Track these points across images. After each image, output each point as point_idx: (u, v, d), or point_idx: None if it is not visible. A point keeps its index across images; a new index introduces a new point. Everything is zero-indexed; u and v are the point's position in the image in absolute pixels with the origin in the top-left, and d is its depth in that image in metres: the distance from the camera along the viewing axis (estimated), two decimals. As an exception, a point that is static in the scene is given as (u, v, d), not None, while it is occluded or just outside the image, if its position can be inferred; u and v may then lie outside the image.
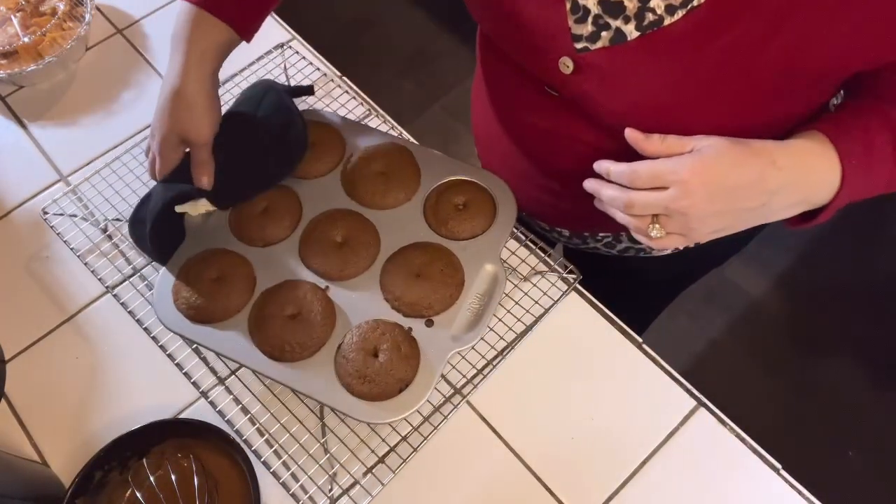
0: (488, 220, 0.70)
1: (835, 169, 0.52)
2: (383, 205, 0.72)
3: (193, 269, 0.68)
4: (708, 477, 0.63)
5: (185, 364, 0.68)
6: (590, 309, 0.71)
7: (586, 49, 0.54)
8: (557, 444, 0.65)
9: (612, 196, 0.56)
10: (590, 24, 0.53)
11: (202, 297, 0.66)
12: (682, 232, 0.55)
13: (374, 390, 0.61)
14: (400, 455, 0.64)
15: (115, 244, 0.75)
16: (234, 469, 0.61)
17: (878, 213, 1.80)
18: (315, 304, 0.65)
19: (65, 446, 0.66)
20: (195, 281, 0.67)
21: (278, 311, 0.65)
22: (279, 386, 0.66)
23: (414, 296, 0.65)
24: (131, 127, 0.86)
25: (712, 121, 0.54)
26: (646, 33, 0.50)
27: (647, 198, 0.54)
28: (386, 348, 0.62)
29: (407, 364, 0.62)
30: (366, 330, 0.64)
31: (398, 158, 0.74)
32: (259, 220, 0.71)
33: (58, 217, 0.77)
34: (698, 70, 0.50)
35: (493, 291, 0.66)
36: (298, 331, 0.63)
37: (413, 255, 0.68)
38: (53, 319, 0.73)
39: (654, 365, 0.68)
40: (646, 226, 0.55)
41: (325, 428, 0.65)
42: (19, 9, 0.90)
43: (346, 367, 0.62)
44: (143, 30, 0.95)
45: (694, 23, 0.48)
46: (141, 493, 0.60)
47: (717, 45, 0.48)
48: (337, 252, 0.68)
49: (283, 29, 0.94)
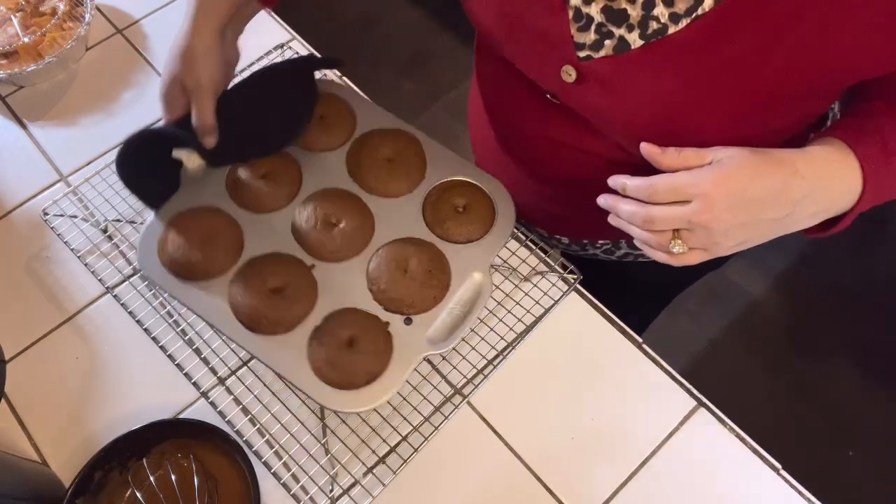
0: (485, 227, 0.69)
1: (856, 174, 0.52)
2: (385, 192, 0.71)
3: (182, 222, 0.67)
4: (708, 477, 0.63)
5: (186, 364, 0.68)
6: (590, 309, 0.71)
7: (589, 57, 0.54)
8: (557, 444, 0.65)
9: (630, 212, 0.54)
10: (593, 32, 0.52)
11: (186, 252, 0.65)
12: (705, 246, 0.53)
13: (342, 379, 0.60)
14: (401, 455, 0.64)
15: (116, 244, 0.75)
16: (234, 469, 0.61)
17: (878, 213, 1.80)
18: (298, 281, 0.64)
19: (65, 446, 0.66)
20: (182, 234, 0.66)
21: (260, 283, 0.64)
22: (279, 385, 0.66)
23: (398, 292, 0.64)
24: (131, 127, 0.84)
25: (715, 130, 0.53)
26: (650, 42, 0.50)
27: (667, 212, 0.52)
28: (361, 340, 0.62)
29: (378, 359, 0.61)
30: (345, 318, 0.63)
31: (407, 148, 0.73)
32: (257, 185, 0.70)
33: (58, 218, 0.77)
34: (701, 79, 0.50)
35: (475, 301, 0.65)
36: (278, 306, 0.63)
37: (404, 250, 0.67)
38: (53, 319, 0.73)
39: (654, 365, 0.68)
40: (667, 241, 0.53)
41: (326, 429, 0.65)
42: (19, 9, 0.90)
43: (318, 351, 0.61)
44: (143, 30, 0.95)
45: (698, 32, 0.48)
46: (141, 493, 0.60)
47: (720, 55, 0.48)
48: (329, 232, 0.67)
49: (283, 29, 0.94)
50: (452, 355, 0.68)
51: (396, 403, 0.66)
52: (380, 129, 0.74)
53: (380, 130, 0.74)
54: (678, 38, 0.49)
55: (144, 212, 0.77)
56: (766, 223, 0.52)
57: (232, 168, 0.71)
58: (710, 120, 0.53)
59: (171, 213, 0.69)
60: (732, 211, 0.50)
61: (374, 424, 0.65)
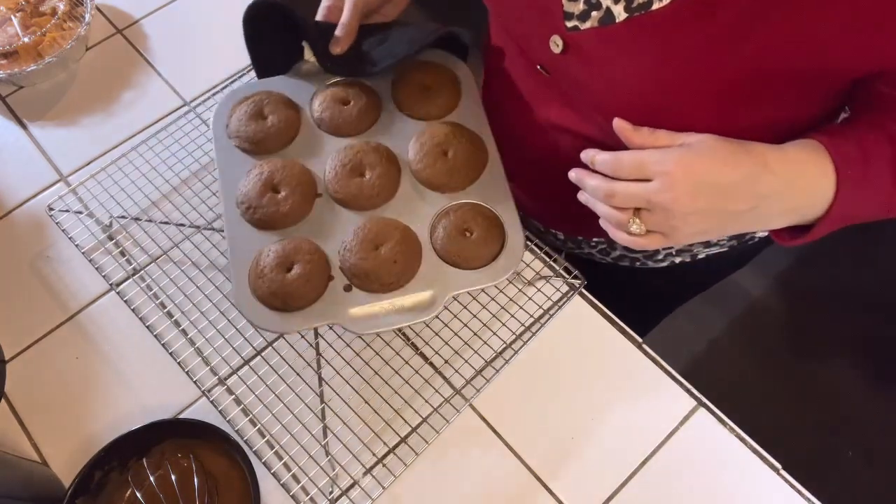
0: (484, 261, 0.65)
1: (829, 178, 0.50)
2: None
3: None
4: (708, 477, 0.63)
5: (187, 363, 0.68)
6: (590, 309, 0.71)
7: (576, 28, 0.53)
8: (557, 444, 0.65)
9: (594, 186, 0.54)
10: (582, 2, 0.52)
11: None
12: (663, 230, 0.53)
13: (265, 294, 0.62)
14: (401, 459, 0.64)
15: (118, 243, 0.75)
16: (234, 469, 0.61)
17: (878, 214, 1.80)
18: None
19: (65, 446, 0.66)
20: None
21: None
22: (282, 386, 0.66)
23: (363, 263, 0.63)
24: (131, 127, 0.86)
25: (695, 114, 0.52)
26: (633, 15, 0.50)
27: (629, 188, 0.52)
28: (299, 267, 0.63)
29: (301, 297, 0.62)
30: (299, 243, 0.64)
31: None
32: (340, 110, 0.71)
33: (63, 213, 0.76)
34: (681, 56, 0.49)
35: (409, 314, 0.62)
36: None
37: (392, 231, 0.65)
38: (53, 319, 0.73)
39: (654, 365, 0.68)
40: (626, 220, 0.53)
41: (327, 430, 0.65)
42: (19, 9, 0.90)
43: (262, 282, 0.62)
44: (143, 30, 0.95)
45: (681, 6, 0.47)
46: (141, 493, 0.60)
47: (701, 33, 0.47)
48: (356, 178, 0.67)
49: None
50: (455, 359, 0.68)
51: (398, 406, 0.66)
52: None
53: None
54: (661, 14, 0.48)
55: (150, 209, 0.77)
56: (728, 214, 0.51)
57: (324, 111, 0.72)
58: (690, 103, 0.52)
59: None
60: (693, 194, 0.50)
61: (378, 429, 0.65)
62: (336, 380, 0.67)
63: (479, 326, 0.69)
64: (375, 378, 0.67)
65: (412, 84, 0.73)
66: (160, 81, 0.90)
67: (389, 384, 0.67)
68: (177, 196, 0.78)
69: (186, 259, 0.73)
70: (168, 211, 0.77)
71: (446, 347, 0.68)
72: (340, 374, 0.67)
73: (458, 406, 0.65)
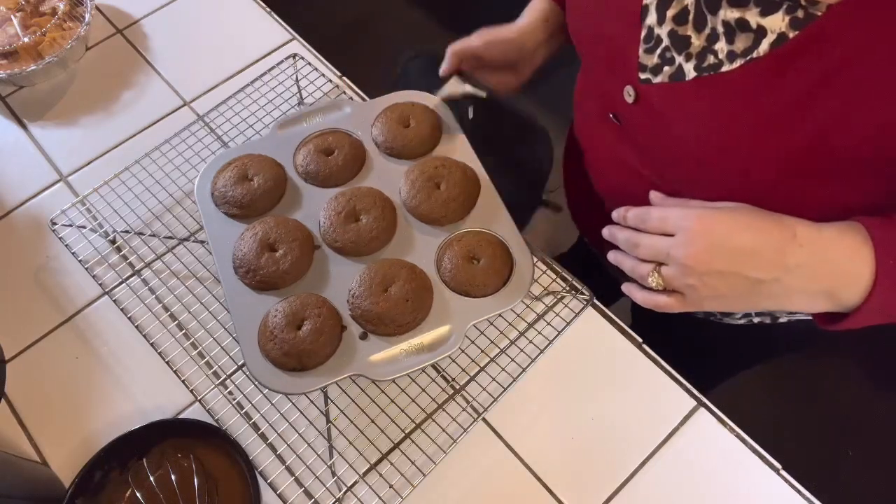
0: (495, 286, 0.64)
1: (866, 262, 0.47)
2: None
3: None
4: (708, 477, 0.63)
5: (185, 370, 0.66)
6: (589, 309, 0.71)
7: (648, 81, 0.54)
8: (557, 444, 0.65)
9: (623, 238, 0.56)
10: (657, 56, 0.53)
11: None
12: (681, 289, 0.52)
13: (278, 356, 0.60)
14: (409, 480, 0.63)
15: (125, 256, 0.74)
16: (234, 469, 0.61)
17: (878, 213, 1.80)
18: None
19: (65, 446, 0.66)
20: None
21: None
22: (278, 395, 0.66)
23: (376, 308, 0.62)
24: (131, 127, 0.86)
25: (755, 184, 0.51)
26: (702, 76, 0.50)
27: (652, 240, 0.52)
28: (309, 322, 0.61)
29: (317, 353, 0.60)
30: (305, 299, 0.63)
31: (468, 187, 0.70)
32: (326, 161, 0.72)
33: (66, 228, 0.74)
34: (743, 120, 0.49)
35: (430, 353, 0.61)
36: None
37: (398, 270, 0.64)
38: (53, 320, 0.73)
39: (654, 365, 0.68)
40: (646, 273, 0.53)
41: (329, 429, 0.65)
42: (19, 9, 0.90)
43: (273, 345, 0.61)
44: (143, 30, 0.95)
45: (749, 75, 0.47)
46: (141, 493, 0.60)
47: (766, 99, 0.47)
48: (353, 224, 0.67)
49: (283, 29, 0.94)
50: (464, 376, 0.67)
51: (405, 425, 0.66)
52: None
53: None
54: (729, 77, 0.48)
55: (153, 223, 0.76)
56: (749, 282, 0.49)
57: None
58: (750, 169, 0.51)
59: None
60: (710, 252, 0.49)
61: (372, 437, 0.65)
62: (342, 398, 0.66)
63: (487, 344, 0.68)
64: (382, 396, 0.66)
65: (391, 121, 0.73)
66: (160, 81, 0.90)
67: (396, 403, 0.65)
68: (180, 209, 0.77)
69: (185, 269, 0.73)
70: (169, 223, 0.76)
71: (453, 366, 0.68)
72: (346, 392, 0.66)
73: (464, 424, 0.64)
